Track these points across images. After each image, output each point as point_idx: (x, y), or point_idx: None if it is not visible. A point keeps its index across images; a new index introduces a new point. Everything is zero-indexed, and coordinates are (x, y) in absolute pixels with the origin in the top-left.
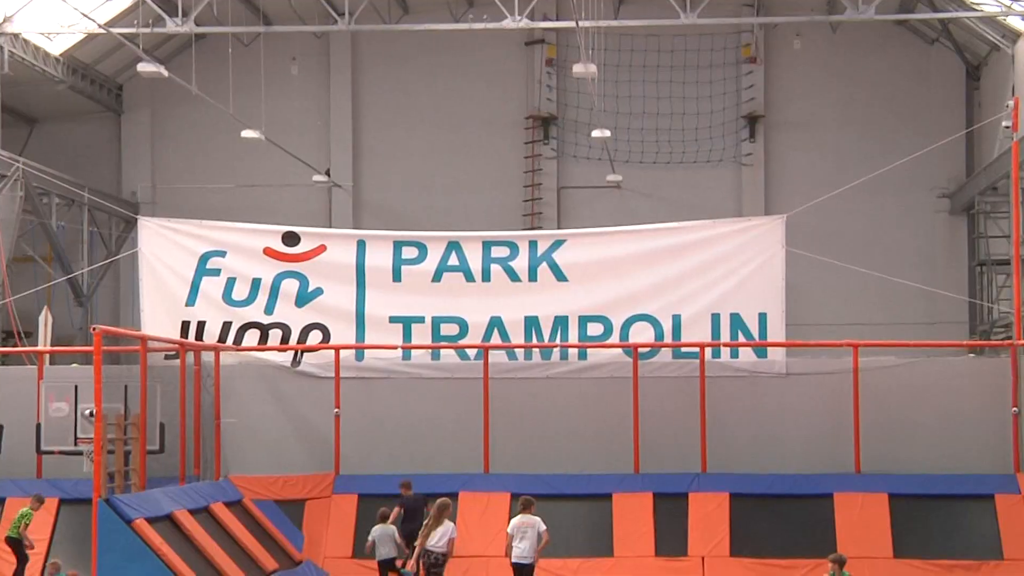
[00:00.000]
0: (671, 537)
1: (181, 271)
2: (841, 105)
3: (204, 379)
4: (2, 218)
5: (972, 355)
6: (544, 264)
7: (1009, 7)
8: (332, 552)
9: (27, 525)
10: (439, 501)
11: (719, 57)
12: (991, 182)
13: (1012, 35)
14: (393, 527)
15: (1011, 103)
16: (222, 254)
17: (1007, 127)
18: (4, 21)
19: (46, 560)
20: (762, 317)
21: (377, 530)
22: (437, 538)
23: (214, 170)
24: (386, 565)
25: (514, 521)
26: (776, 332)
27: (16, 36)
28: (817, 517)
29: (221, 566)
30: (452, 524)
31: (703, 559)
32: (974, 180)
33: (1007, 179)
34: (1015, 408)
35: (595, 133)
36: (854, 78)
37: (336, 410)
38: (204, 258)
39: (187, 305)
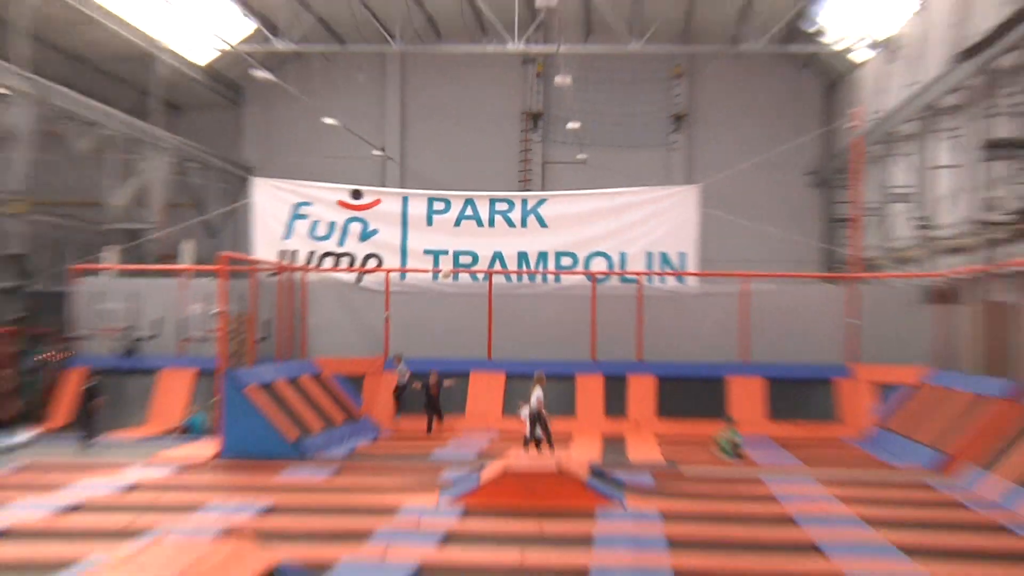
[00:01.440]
0: (615, 404)
1: (280, 216)
2: (741, 109)
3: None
4: (160, 177)
5: (824, 284)
6: (532, 216)
7: (850, 47)
8: (381, 411)
9: None
10: (536, 373)
11: (656, 72)
12: (839, 165)
13: (853, 65)
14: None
15: (851, 112)
16: (309, 204)
17: (850, 126)
18: (162, 41)
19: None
20: (682, 256)
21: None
22: (533, 399)
23: (303, 145)
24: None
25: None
26: (692, 265)
27: (173, 52)
28: (715, 392)
29: (306, 419)
30: (540, 390)
31: (637, 420)
32: (828, 164)
33: (848, 167)
34: (848, 320)
35: (569, 125)
36: (750, 90)
37: (386, 314)
38: (296, 207)
39: (284, 239)
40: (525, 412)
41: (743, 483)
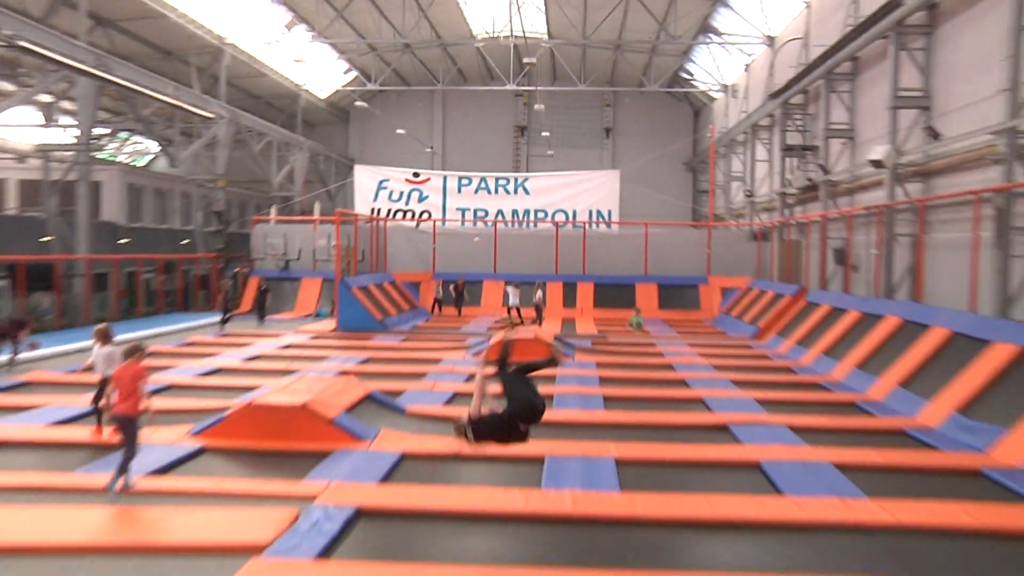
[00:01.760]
0: (569, 299)
1: (370, 187)
2: (644, 125)
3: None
4: (301, 165)
5: (692, 229)
6: (520, 188)
7: (708, 90)
8: (426, 303)
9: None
10: (539, 282)
11: (594, 102)
12: (701, 159)
13: (710, 100)
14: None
15: (709, 128)
16: (387, 180)
17: (708, 136)
18: (303, 85)
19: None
20: (610, 212)
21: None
22: (539, 294)
23: (385, 146)
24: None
25: (511, 288)
26: (615, 217)
27: (308, 91)
28: (628, 293)
29: (386, 307)
30: (541, 292)
31: (582, 309)
32: (695, 158)
33: (707, 160)
34: (708, 250)
35: (543, 133)
36: (649, 114)
37: (433, 246)
38: (380, 182)
39: (373, 202)
40: (513, 299)
41: (644, 345)
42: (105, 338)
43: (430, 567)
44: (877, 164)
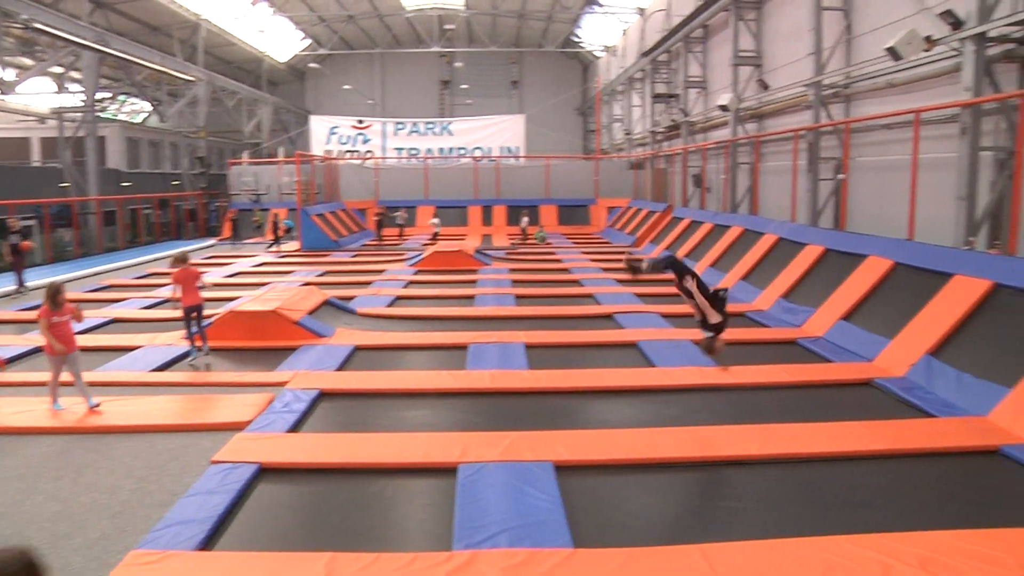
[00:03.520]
0: (487, 219)
1: (324, 133)
2: (544, 78)
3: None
4: (267, 117)
5: (584, 161)
6: (445, 130)
7: (593, 50)
8: (370, 226)
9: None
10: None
11: (504, 60)
12: (590, 105)
13: (596, 58)
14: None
15: (596, 80)
16: (337, 127)
17: (595, 87)
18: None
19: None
20: (517, 148)
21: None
22: (524, 221)
23: (335, 100)
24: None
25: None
26: (522, 152)
27: (271, 57)
28: (534, 212)
29: (340, 229)
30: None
31: (497, 226)
32: (584, 104)
33: (594, 106)
34: (596, 178)
35: (463, 86)
36: (548, 69)
37: (376, 180)
38: (331, 129)
39: (326, 145)
40: (436, 225)
41: (546, 254)
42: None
43: (379, 434)
44: (724, 108)
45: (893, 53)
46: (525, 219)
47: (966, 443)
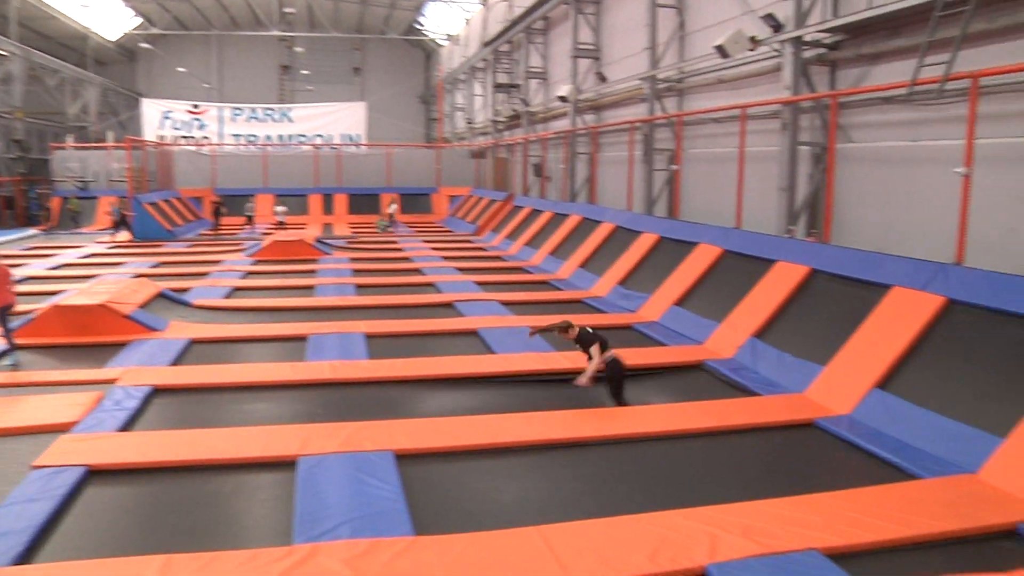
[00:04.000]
0: (328, 208)
1: (156, 117)
2: (387, 65)
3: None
4: (94, 98)
5: (426, 149)
6: (285, 117)
7: (436, 38)
8: (206, 215)
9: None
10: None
11: (346, 46)
12: (433, 93)
13: (439, 46)
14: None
15: (438, 68)
16: (171, 112)
17: (437, 75)
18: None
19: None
20: (359, 135)
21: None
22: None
23: (169, 83)
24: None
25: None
26: (363, 139)
27: (98, 34)
28: (375, 200)
29: (175, 218)
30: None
31: (338, 216)
32: (427, 92)
33: (436, 94)
34: (438, 166)
35: (303, 72)
36: (391, 56)
37: (213, 167)
38: (165, 113)
39: (159, 130)
40: (281, 215)
41: (388, 243)
42: None
43: (216, 430)
44: (563, 99)
45: (721, 51)
46: (394, 205)
47: (785, 418)
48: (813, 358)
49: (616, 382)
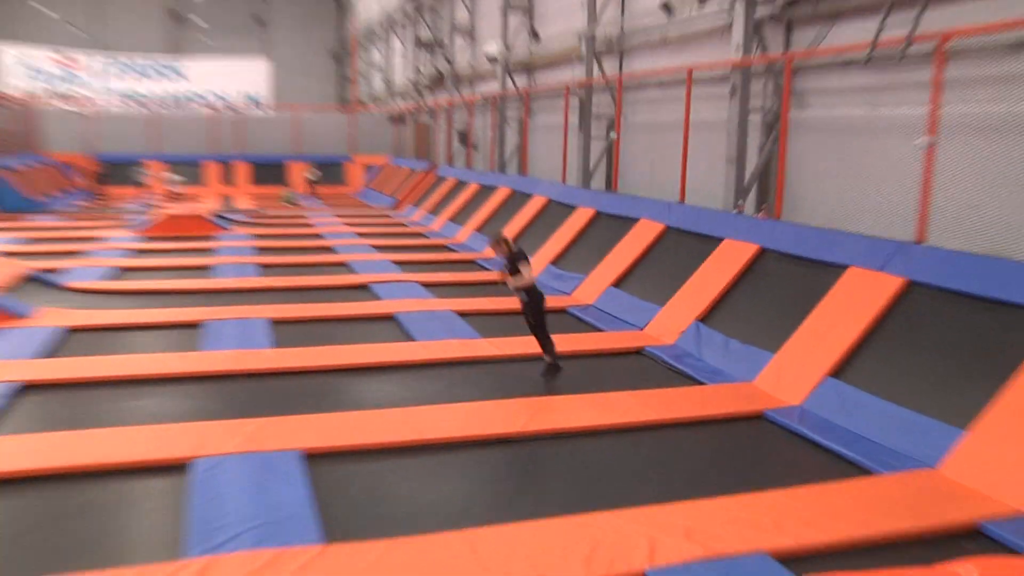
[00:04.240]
0: (228, 178)
1: (16, 66)
2: (297, 19)
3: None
4: None
5: (339, 113)
6: (176, 72)
7: None
8: (93, 185)
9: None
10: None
11: (246, 9)
12: (347, 50)
13: (354, 1)
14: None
15: (352, 22)
16: (32, 61)
17: (350, 28)
18: None
19: None
20: (261, 97)
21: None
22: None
23: (27, 25)
24: None
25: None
26: (266, 101)
27: None
28: (281, 171)
29: (45, 188)
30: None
31: (239, 186)
32: (341, 50)
33: (349, 51)
34: (352, 131)
35: (195, 19)
36: (300, 9)
37: (92, 129)
38: (27, 63)
39: (19, 81)
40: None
41: (295, 217)
42: None
43: (97, 430)
44: (492, 59)
45: (667, 7)
46: (317, 172)
47: (732, 409)
48: (762, 344)
49: (537, 312)
